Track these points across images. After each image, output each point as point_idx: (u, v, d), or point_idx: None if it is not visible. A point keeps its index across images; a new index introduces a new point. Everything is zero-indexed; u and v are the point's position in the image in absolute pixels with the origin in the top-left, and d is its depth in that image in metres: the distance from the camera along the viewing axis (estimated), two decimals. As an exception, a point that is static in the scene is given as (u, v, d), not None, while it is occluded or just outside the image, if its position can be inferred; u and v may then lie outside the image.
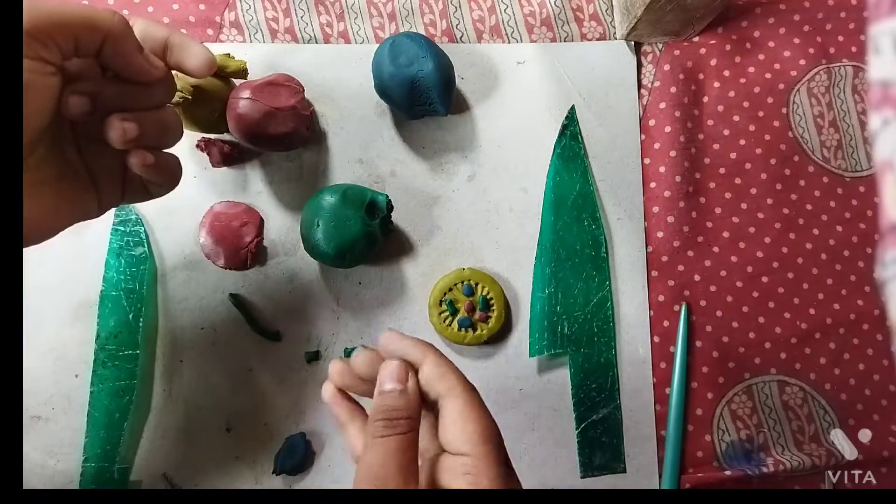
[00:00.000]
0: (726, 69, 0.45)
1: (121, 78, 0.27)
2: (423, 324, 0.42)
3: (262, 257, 0.41)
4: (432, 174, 0.43)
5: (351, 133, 0.43)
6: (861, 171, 0.45)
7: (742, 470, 0.41)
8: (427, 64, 0.38)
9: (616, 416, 0.42)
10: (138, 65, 0.27)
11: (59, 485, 0.38)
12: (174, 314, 0.41)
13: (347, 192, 0.38)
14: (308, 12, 0.44)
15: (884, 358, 0.43)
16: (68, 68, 0.26)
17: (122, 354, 0.39)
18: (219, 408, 0.40)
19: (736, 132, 0.45)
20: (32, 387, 0.39)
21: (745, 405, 0.42)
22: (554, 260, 0.42)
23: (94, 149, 0.28)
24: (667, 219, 0.43)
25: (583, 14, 0.45)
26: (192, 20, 0.43)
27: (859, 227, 0.44)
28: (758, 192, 0.44)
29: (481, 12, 0.45)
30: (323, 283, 0.42)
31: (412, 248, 0.42)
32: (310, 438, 0.40)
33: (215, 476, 0.40)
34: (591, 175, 0.44)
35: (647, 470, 0.41)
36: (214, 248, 0.40)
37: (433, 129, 0.43)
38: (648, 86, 0.45)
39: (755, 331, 0.43)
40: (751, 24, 0.45)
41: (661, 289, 0.43)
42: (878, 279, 0.16)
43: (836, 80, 0.45)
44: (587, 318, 0.42)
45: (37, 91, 0.25)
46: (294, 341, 0.41)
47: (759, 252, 0.44)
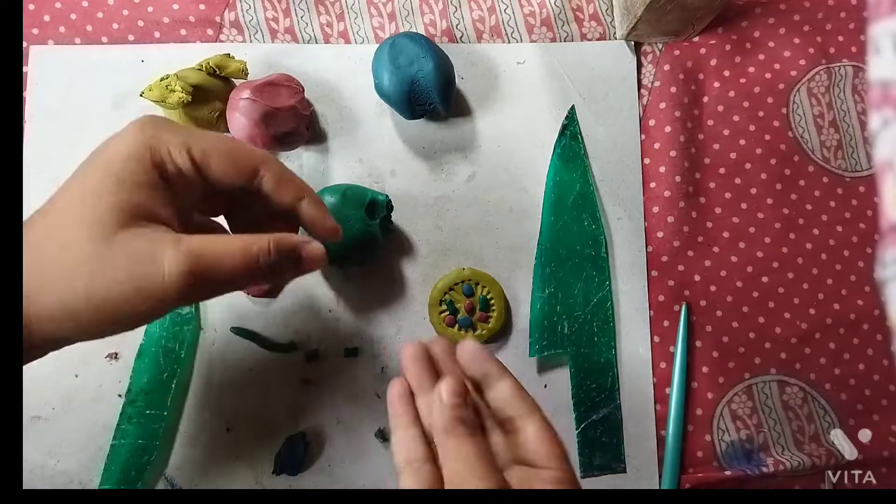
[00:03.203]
0: (726, 69, 0.45)
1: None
2: (423, 324, 0.42)
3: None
4: (432, 174, 0.43)
5: (351, 133, 0.43)
6: (861, 171, 0.45)
7: (742, 470, 0.41)
8: (427, 64, 0.38)
9: (616, 416, 0.42)
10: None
11: (59, 485, 0.38)
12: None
13: (347, 192, 0.38)
14: (308, 12, 0.44)
15: (884, 358, 0.43)
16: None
17: (149, 413, 0.39)
18: (219, 408, 0.40)
19: (736, 132, 0.45)
20: (32, 387, 0.39)
21: (745, 405, 0.42)
22: (554, 260, 0.42)
23: None
24: (667, 219, 0.43)
25: (583, 14, 0.45)
26: (192, 20, 0.43)
27: (859, 227, 0.44)
28: (758, 192, 0.44)
29: (481, 12, 0.45)
30: (323, 283, 0.42)
31: (412, 248, 0.42)
32: (310, 438, 0.40)
33: (215, 476, 0.40)
34: (591, 175, 0.44)
35: (647, 470, 0.41)
36: None
37: (433, 129, 0.43)
38: (648, 86, 0.45)
39: (755, 331, 0.43)
40: (751, 24, 0.45)
41: (661, 289, 0.43)
42: (878, 279, 0.16)
43: (836, 80, 0.45)
44: (587, 318, 0.42)
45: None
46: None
47: (759, 252, 0.44)
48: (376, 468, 0.40)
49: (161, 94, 0.36)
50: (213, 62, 0.38)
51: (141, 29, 0.43)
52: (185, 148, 0.27)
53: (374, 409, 0.41)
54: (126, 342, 0.40)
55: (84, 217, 0.24)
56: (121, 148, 0.25)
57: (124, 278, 0.24)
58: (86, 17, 0.43)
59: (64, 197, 0.25)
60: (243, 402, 0.40)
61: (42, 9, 0.42)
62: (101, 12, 0.43)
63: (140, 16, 0.43)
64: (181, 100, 0.36)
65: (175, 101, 0.36)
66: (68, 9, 0.42)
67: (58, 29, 0.42)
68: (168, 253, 0.25)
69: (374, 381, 0.41)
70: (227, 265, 0.26)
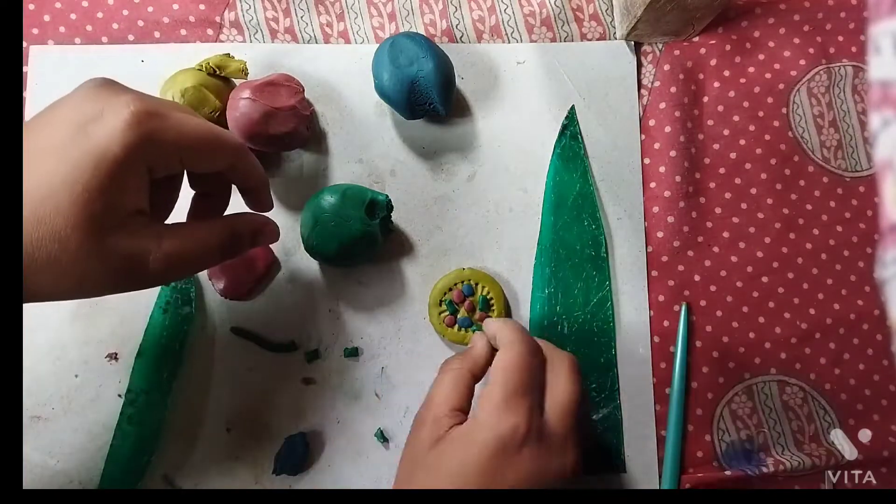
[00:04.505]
0: (726, 69, 0.45)
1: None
2: (423, 324, 0.42)
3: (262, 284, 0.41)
4: (432, 174, 0.43)
5: (351, 133, 0.43)
6: (861, 171, 0.45)
7: (742, 470, 0.41)
8: (427, 64, 0.38)
9: (616, 416, 0.42)
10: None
11: (59, 485, 0.38)
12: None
13: (347, 192, 0.38)
14: (308, 12, 0.44)
15: (884, 358, 0.43)
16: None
17: (149, 413, 0.38)
18: (219, 408, 0.40)
19: (736, 132, 0.45)
20: (32, 387, 0.39)
21: (745, 405, 0.42)
22: (554, 260, 0.42)
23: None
24: (667, 219, 0.43)
25: (583, 14, 0.45)
26: (192, 20, 0.43)
27: (859, 227, 0.44)
28: (758, 192, 0.44)
29: (481, 12, 0.45)
30: (323, 283, 0.42)
31: (412, 248, 0.42)
32: (310, 438, 0.40)
33: (215, 476, 0.40)
34: (591, 175, 0.44)
35: (647, 470, 0.41)
36: (217, 271, 0.40)
37: (433, 129, 0.43)
38: (648, 86, 0.45)
39: (755, 331, 0.43)
40: (751, 24, 0.45)
41: (661, 289, 0.43)
42: (878, 279, 0.16)
43: (836, 80, 0.45)
44: (587, 318, 0.42)
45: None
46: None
47: (759, 252, 0.44)
48: (376, 468, 0.40)
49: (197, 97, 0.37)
50: (213, 62, 0.38)
51: (141, 29, 0.43)
52: (178, 150, 0.28)
53: (374, 409, 0.41)
54: (126, 342, 0.40)
55: (76, 215, 0.25)
56: (114, 145, 0.25)
57: (113, 278, 0.27)
58: (86, 17, 0.43)
59: (49, 176, 0.25)
60: (243, 402, 0.40)
61: (42, 9, 0.42)
62: (101, 12, 0.43)
63: (140, 16, 0.43)
64: (181, 100, 0.36)
65: (175, 101, 0.36)
66: (68, 9, 0.42)
67: (58, 29, 0.42)
68: (153, 254, 0.27)
69: (374, 381, 0.41)
70: (203, 257, 0.30)
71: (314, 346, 0.41)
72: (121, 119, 0.25)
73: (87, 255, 0.25)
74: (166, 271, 0.28)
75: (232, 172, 0.31)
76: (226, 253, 0.31)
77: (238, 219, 0.32)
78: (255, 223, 0.33)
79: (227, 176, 0.32)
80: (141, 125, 0.26)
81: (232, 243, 0.31)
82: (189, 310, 0.40)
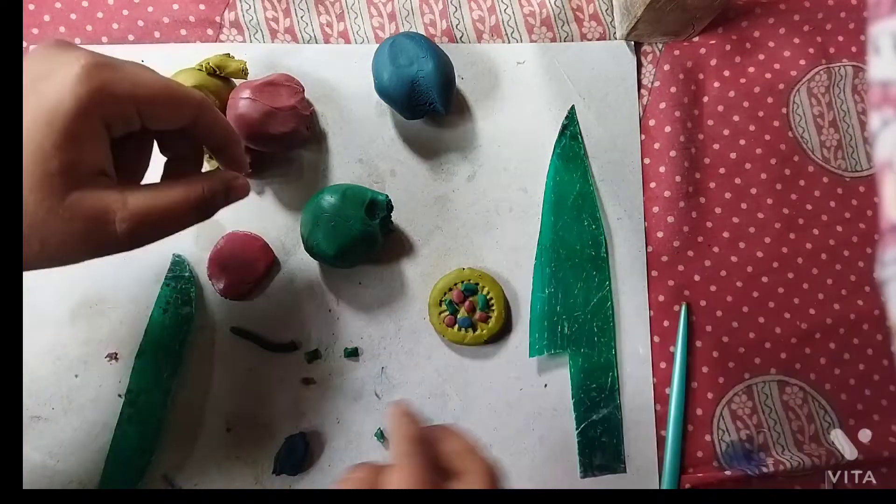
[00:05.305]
0: (726, 69, 0.45)
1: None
2: (423, 324, 0.42)
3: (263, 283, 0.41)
4: (432, 174, 0.43)
5: (351, 133, 0.43)
6: (861, 171, 0.45)
7: (742, 470, 0.41)
8: (427, 64, 0.38)
9: (616, 416, 0.42)
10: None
11: (59, 485, 0.38)
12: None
13: (347, 192, 0.38)
14: (308, 12, 0.44)
15: (884, 358, 0.43)
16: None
17: (149, 413, 0.38)
18: (219, 408, 0.40)
19: (736, 132, 0.45)
20: (32, 387, 0.39)
21: (745, 405, 0.42)
22: (554, 260, 0.42)
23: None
24: (667, 219, 0.43)
25: (583, 14, 0.45)
26: (192, 20, 0.43)
27: (859, 227, 0.44)
28: (758, 192, 0.44)
29: (481, 12, 0.45)
30: (323, 283, 0.42)
31: (412, 248, 0.42)
32: (310, 438, 0.40)
33: (215, 476, 0.40)
34: (591, 175, 0.44)
35: (647, 470, 0.41)
36: (217, 271, 0.40)
37: (433, 129, 0.43)
38: (648, 86, 0.45)
39: (755, 331, 0.43)
40: (751, 24, 0.45)
41: (661, 289, 0.43)
42: (878, 279, 0.16)
43: (836, 80, 0.45)
44: (587, 318, 0.42)
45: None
46: (294, 341, 0.41)
47: (759, 252, 0.44)
48: (376, 468, 0.40)
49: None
50: (213, 62, 0.38)
51: (141, 29, 0.43)
52: (133, 102, 0.27)
53: (374, 409, 0.41)
54: (126, 342, 0.40)
55: (33, 174, 0.24)
56: (66, 99, 0.24)
57: (77, 240, 0.26)
58: (86, 17, 0.43)
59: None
60: (243, 402, 0.40)
61: (42, 9, 0.42)
62: (101, 12, 0.43)
63: (140, 16, 0.43)
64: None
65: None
66: (68, 9, 0.42)
67: (58, 29, 0.42)
68: (118, 214, 0.26)
69: (374, 381, 0.41)
70: (170, 217, 0.28)
71: (314, 346, 0.41)
72: (71, 73, 0.25)
73: (46, 214, 0.24)
74: (133, 232, 0.27)
75: (196, 128, 0.30)
76: (200, 211, 0.30)
77: (209, 175, 0.31)
78: (226, 178, 0.31)
79: (193, 134, 0.30)
80: (92, 78, 0.25)
81: (204, 199, 0.30)
82: (189, 310, 0.40)
